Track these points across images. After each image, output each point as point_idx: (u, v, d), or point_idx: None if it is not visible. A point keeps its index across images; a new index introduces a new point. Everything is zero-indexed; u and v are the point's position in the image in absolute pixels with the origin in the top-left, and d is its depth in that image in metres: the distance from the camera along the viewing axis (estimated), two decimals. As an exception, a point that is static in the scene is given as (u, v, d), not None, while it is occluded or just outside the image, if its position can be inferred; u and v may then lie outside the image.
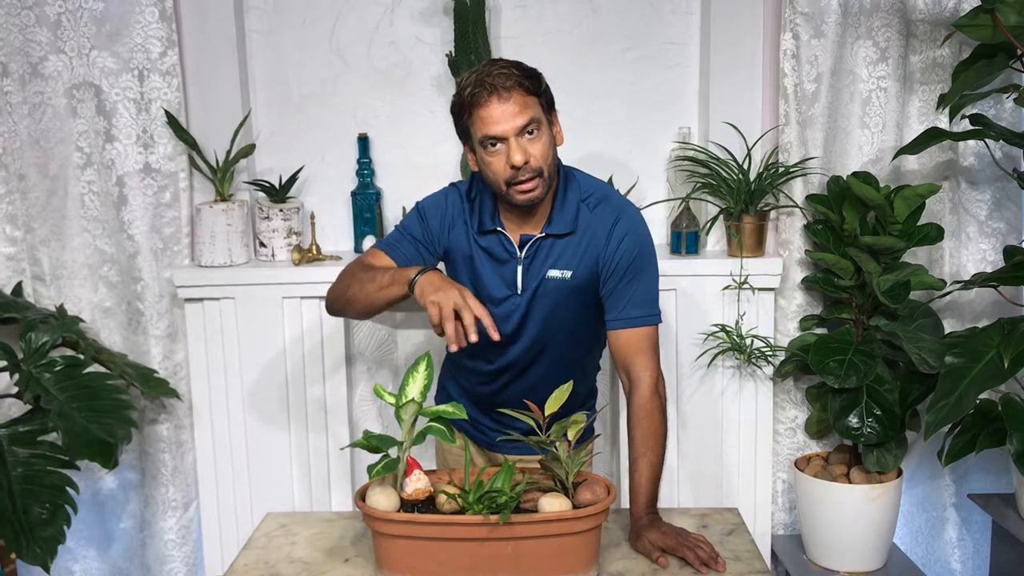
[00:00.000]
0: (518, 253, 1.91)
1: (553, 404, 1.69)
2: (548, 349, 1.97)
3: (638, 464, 1.85)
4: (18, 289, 2.56)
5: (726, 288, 2.52)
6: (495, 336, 1.70)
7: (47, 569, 2.27)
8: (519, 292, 1.92)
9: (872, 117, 2.51)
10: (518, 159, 1.77)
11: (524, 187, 1.80)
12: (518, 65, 1.81)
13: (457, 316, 1.69)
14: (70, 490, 2.30)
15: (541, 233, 1.90)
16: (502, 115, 1.77)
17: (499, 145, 1.79)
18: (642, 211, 2.59)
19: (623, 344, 1.91)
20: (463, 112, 1.82)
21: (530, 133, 1.79)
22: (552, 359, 1.98)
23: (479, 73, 1.80)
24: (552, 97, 1.87)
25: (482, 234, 1.93)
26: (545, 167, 1.81)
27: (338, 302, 1.95)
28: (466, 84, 1.80)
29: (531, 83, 1.80)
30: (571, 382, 1.74)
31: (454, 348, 1.68)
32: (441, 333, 1.70)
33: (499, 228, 1.91)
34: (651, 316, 1.91)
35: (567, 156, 2.01)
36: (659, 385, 1.90)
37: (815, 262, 2.52)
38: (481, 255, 1.94)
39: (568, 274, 1.90)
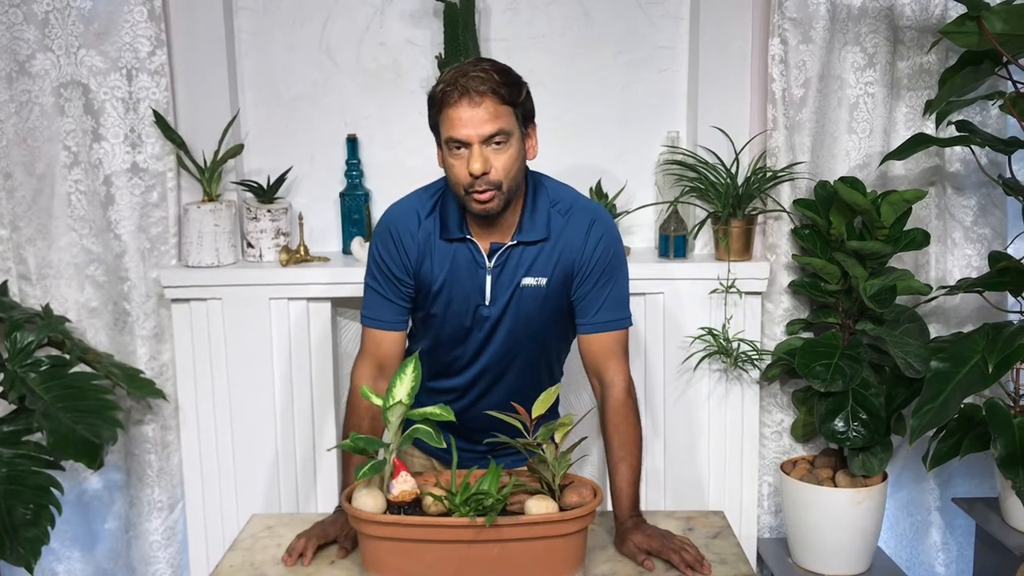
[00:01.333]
0: (487, 263, 1.86)
1: (540, 407, 1.69)
2: (518, 359, 1.93)
3: (618, 468, 1.85)
4: (4, 288, 2.55)
5: (713, 292, 2.52)
6: None
7: (30, 570, 2.26)
8: (487, 303, 1.87)
9: (859, 122, 2.52)
10: (476, 168, 1.72)
11: (480, 197, 1.75)
12: (501, 71, 1.76)
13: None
14: (54, 491, 2.29)
15: (512, 241, 1.85)
16: (469, 119, 1.71)
17: (463, 149, 1.74)
18: (630, 214, 2.64)
19: (595, 348, 1.89)
20: (433, 107, 1.78)
21: (497, 144, 1.73)
22: (521, 369, 1.94)
23: (457, 71, 1.75)
24: (532, 109, 1.81)
25: (448, 242, 1.87)
26: (505, 181, 1.75)
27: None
28: (443, 79, 1.76)
29: (508, 92, 1.74)
30: (558, 385, 1.74)
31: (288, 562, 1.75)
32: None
33: (467, 236, 1.86)
34: (623, 319, 1.91)
35: (555, 159, 2.02)
36: (631, 388, 1.90)
37: (802, 266, 2.53)
38: (445, 266, 1.87)
39: (543, 281, 1.86)
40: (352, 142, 2.62)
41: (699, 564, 1.70)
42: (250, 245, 2.59)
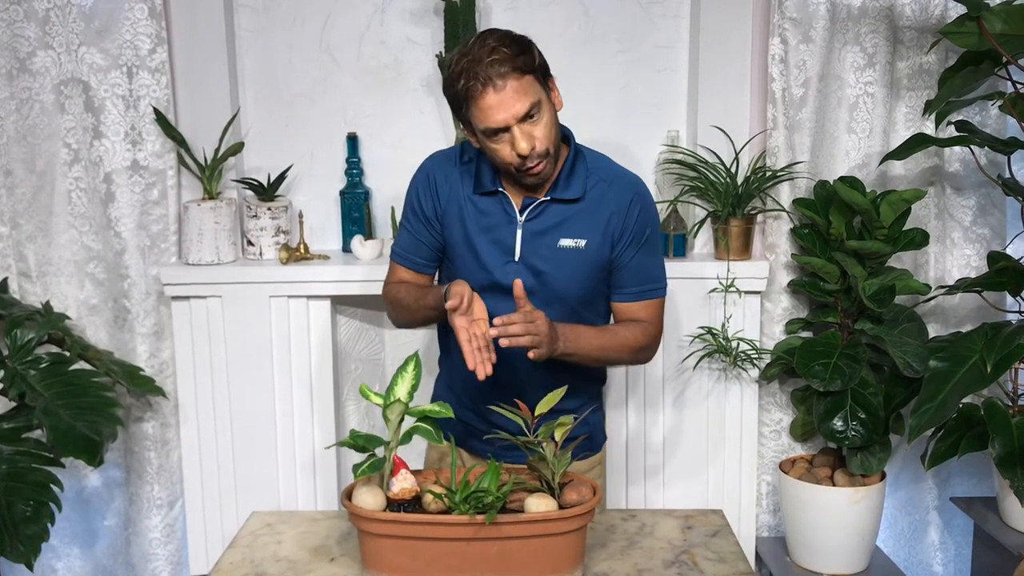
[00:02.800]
0: (518, 217, 1.86)
1: (545, 405, 1.69)
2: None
3: (618, 331, 1.89)
4: (4, 285, 2.55)
5: (713, 291, 2.53)
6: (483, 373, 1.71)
7: (30, 567, 2.26)
8: (515, 259, 1.86)
9: (859, 122, 2.53)
10: (524, 147, 1.74)
11: (534, 171, 1.78)
12: (508, 41, 1.74)
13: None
14: (54, 487, 2.29)
15: (546, 197, 1.85)
16: (500, 105, 1.71)
17: (502, 134, 1.75)
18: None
19: (628, 314, 1.92)
20: (460, 103, 1.77)
21: (531, 117, 1.74)
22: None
23: (469, 58, 1.72)
24: (546, 64, 1.81)
25: (480, 195, 1.87)
26: (551, 145, 1.78)
27: (401, 324, 2.03)
28: (458, 71, 1.74)
29: (524, 61, 1.74)
30: (565, 387, 1.72)
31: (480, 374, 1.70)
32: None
33: (500, 188, 1.86)
34: (658, 288, 1.93)
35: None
36: (653, 340, 1.93)
37: (801, 266, 2.53)
38: (475, 217, 1.87)
39: (582, 243, 1.86)
40: (352, 140, 2.62)
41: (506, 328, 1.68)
42: (250, 243, 2.60)
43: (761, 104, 2.56)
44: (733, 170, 2.51)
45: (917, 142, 2.35)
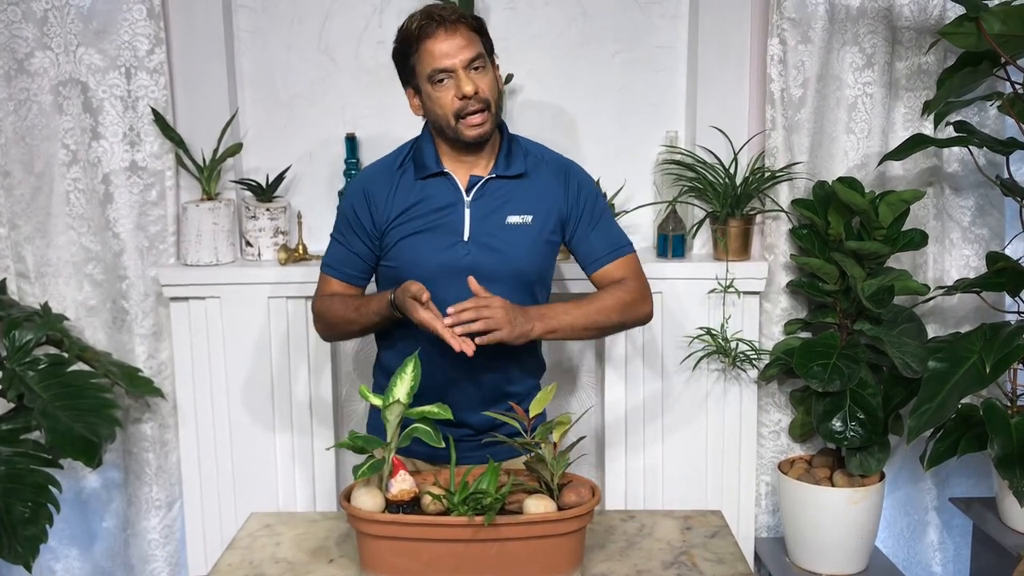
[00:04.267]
0: (464, 196, 1.88)
1: (537, 406, 1.70)
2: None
3: (597, 296, 1.91)
4: (2, 286, 2.55)
5: (712, 291, 2.53)
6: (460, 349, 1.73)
7: (29, 568, 2.26)
8: (464, 239, 1.88)
9: (858, 123, 2.53)
10: (468, 89, 1.79)
11: (474, 120, 1.82)
12: (462, 8, 1.88)
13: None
14: (53, 489, 2.29)
15: (491, 174, 1.89)
16: (450, 47, 1.80)
17: (446, 80, 1.81)
18: (628, 214, 2.64)
19: (607, 279, 1.95)
20: (410, 48, 1.84)
21: (476, 68, 1.82)
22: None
23: (425, 11, 1.83)
24: (492, 44, 1.90)
25: (424, 179, 1.90)
26: (492, 101, 1.84)
27: (332, 337, 2.07)
28: (413, 18, 1.84)
29: (476, 23, 1.85)
30: (555, 384, 1.75)
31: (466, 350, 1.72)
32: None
33: (443, 169, 1.89)
34: (624, 247, 1.97)
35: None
36: (645, 297, 1.96)
37: (800, 266, 2.53)
38: (421, 208, 1.89)
39: (529, 219, 1.90)
40: (351, 141, 2.62)
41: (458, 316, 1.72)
42: (249, 244, 2.59)
43: (760, 104, 2.56)
44: (732, 170, 2.51)
45: (916, 143, 2.35)
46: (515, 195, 1.90)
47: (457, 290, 1.80)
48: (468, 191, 1.89)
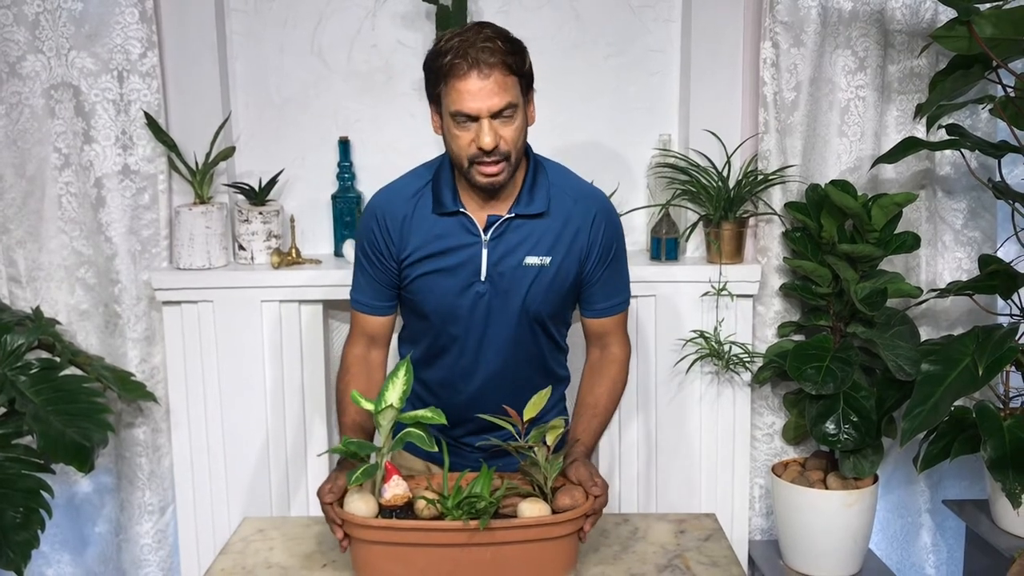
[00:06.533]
0: (482, 236, 1.80)
1: (532, 409, 1.70)
2: (521, 346, 1.87)
3: (600, 404, 1.88)
4: (-7, 291, 2.54)
5: (705, 294, 2.53)
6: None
7: (20, 574, 2.25)
8: (482, 279, 1.81)
9: (850, 126, 2.53)
10: (487, 142, 1.68)
11: (488, 169, 1.72)
12: (505, 37, 1.72)
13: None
14: (45, 494, 2.28)
15: (510, 213, 1.80)
16: (479, 93, 1.67)
17: (469, 123, 1.70)
18: (621, 217, 2.63)
19: (597, 329, 1.94)
20: (439, 79, 1.71)
21: (505, 117, 1.70)
22: (522, 358, 1.89)
23: (463, 39, 1.69)
24: (532, 75, 1.78)
25: (441, 216, 1.81)
26: (513, 151, 1.73)
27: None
28: (447, 48, 1.69)
29: (515, 60, 1.71)
30: (549, 388, 1.74)
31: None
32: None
33: (461, 209, 1.80)
34: (624, 303, 1.94)
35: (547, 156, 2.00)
36: (628, 356, 1.96)
37: (793, 269, 2.54)
38: (435, 244, 1.82)
39: (547, 260, 1.82)
40: (344, 144, 2.62)
41: (588, 518, 1.66)
42: (241, 247, 2.59)
43: (753, 108, 2.56)
44: (725, 174, 2.52)
45: (908, 146, 2.36)
46: (534, 234, 1.81)
47: (474, 328, 1.83)
48: (486, 230, 1.81)
